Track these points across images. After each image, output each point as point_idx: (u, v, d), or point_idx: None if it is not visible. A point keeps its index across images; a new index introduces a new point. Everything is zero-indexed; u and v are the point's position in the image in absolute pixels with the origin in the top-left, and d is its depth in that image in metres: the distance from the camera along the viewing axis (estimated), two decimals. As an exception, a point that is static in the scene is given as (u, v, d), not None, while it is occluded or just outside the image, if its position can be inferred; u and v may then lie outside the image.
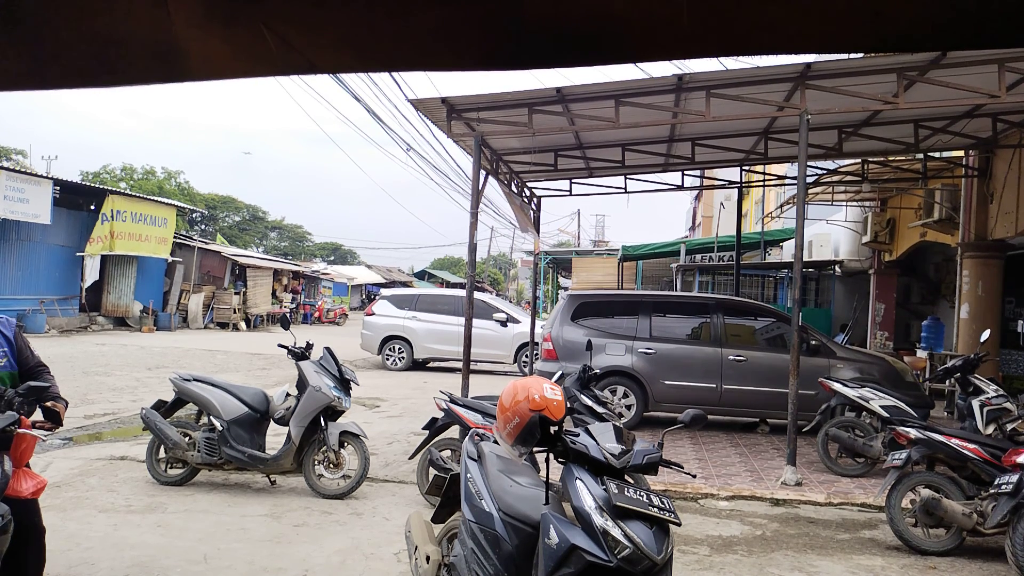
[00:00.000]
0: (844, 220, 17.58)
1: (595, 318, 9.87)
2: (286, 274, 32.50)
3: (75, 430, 8.50)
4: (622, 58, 1.39)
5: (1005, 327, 12.67)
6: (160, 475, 6.33)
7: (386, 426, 9.32)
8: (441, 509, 3.86)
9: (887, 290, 16.64)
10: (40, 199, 19.04)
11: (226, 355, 17.12)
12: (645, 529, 2.82)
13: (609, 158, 11.80)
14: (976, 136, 10.32)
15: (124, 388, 11.53)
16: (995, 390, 7.18)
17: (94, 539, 4.98)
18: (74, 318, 21.43)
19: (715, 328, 9.56)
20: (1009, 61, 7.13)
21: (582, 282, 23.74)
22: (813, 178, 13.65)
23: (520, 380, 3.25)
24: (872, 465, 7.40)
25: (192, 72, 1.46)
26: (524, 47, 1.33)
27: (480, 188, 8.83)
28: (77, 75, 1.52)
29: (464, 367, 8.61)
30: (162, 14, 1.33)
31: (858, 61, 7.53)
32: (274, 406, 6.42)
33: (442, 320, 15.67)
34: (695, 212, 41.10)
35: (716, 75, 8.02)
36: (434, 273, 62.18)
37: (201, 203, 46.57)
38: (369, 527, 5.47)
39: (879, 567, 5.08)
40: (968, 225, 11.55)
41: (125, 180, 41.76)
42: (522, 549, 3.07)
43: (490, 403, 6.13)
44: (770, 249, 21.11)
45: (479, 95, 8.12)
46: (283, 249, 61.67)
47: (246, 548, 4.94)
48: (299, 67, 1.46)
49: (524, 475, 3.40)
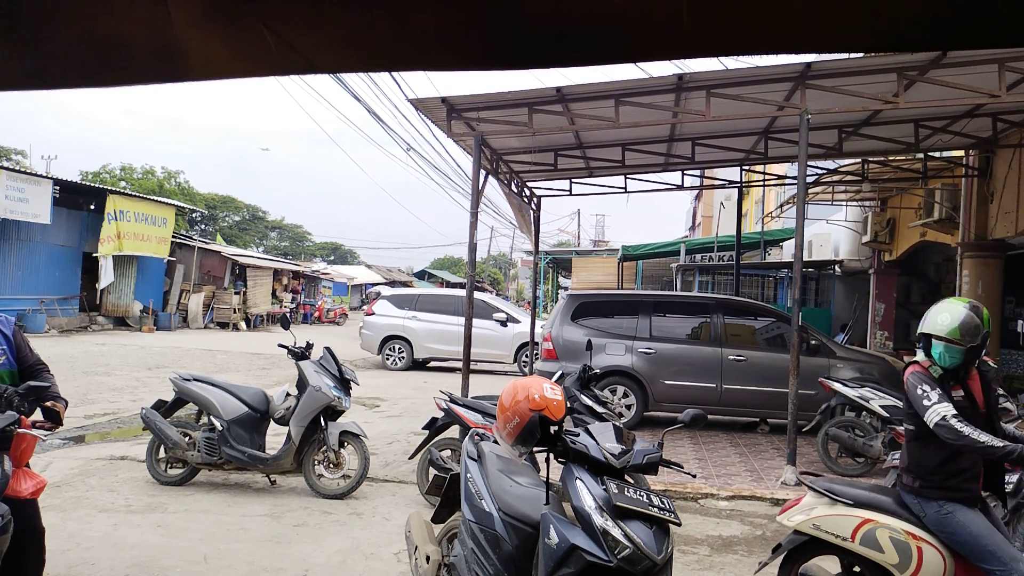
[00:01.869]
0: (844, 220, 17.58)
1: (595, 318, 9.87)
2: (286, 274, 32.51)
3: (75, 430, 8.50)
4: (622, 58, 1.39)
5: (1005, 327, 12.67)
6: (160, 475, 6.33)
7: (386, 426, 9.32)
8: (441, 509, 3.86)
9: (887, 290, 16.65)
10: (40, 199, 19.04)
11: (226, 355, 17.12)
12: (645, 529, 2.82)
13: (609, 158, 11.80)
14: (976, 136, 10.32)
15: (124, 388, 11.53)
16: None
17: (94, 539, 4.98)
18: (74, 318, 21.44)
19: (715, 328, 9.57)
20: (1009, 61, 7.13)
21: (582, 282, 23.74)
22: (813, 178, 13.64)
23: (520, 380, 3.24)
24: (872, 465, 7.40)
25: (192, 72, 1.46)
26: (524, 47, 1.33)
27: (480, 188, 8.83)
28: (77, 75, 1.52)
29: (464, 367, 8.61)
30: (162, 14, 1.33)
31: (858, 61, 7.53)
32: (274, 406, 6.42)
33: (442, 320, 15.67)
34: (695, 212, 41.10)
35: (716, 75, 8.02)
36: (434, 273, 62.18)
37: (201, 203, 46.57)
38: (369, 527, 5.47)
39: (879, 567, 5.08)
40: (968, 225, 11.55)
41: (125, 179, 41.74)
42: (522, 549, 3.07)
43: (490, 403, 6.14)
44: (770, 249, 21.11)
45: (479, 95, 8.12)
46: (283, 249, 61.70)
47: (246, 548, 4.94)
48: (299, 67, 1.46)
49: (524, 475, 3.40)
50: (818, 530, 3.59)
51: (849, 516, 3.55)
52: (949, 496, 3.37)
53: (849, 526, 3.53)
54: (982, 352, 3.48)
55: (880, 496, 3.64)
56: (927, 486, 3.42)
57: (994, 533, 3.31)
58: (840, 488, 3.68)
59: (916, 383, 3.41)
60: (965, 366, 3.44)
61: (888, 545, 3.45)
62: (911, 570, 3.41)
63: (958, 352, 3.38)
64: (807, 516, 3.64)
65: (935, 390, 3.34)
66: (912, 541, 3.42)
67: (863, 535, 3.50)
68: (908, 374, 3.50)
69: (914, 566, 3.40)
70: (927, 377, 3.42)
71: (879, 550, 3.46)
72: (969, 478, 3.39)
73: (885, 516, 3.52)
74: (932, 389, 3.34)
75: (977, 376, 3.54)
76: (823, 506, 3.63)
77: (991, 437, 3.22)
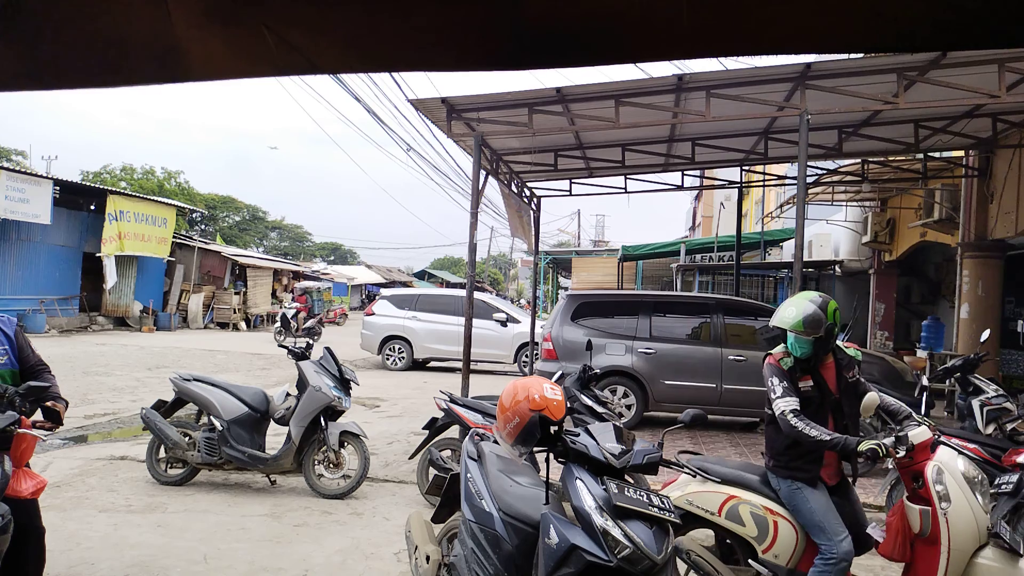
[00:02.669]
0: (844, 220, 17.58)
1: (595, 318, 9.87)
2: (286, 274, 32.51)
3: (75, 430, 8.50)
4: (622, 58, 1.39)
5: (1005, 327, 12.66)
6: (160, 475, 6.33)
7: (386, 426, 9.32)
8: (441, 509, 3.86)
9: (887, 290, 16.65)
10: (40, 199, 19.05)
11: (226, 355, 17.12)
12: (645, 529, 2.82)
13: (609, 158, 11.80)
14: (976, 136, 10.32)
15: (124, 388, 11.53)
16: (995, 390, 7.17)
17: (94, 539, 4.98)
18: (74, 318, 21.44)
19: (715, 328, 9.56)
20: (1009, 61, 7.13)
21: (582, 282, 23.74)
22: (813, 178, 13.64)
23: (520, 380, 3.24)
24: (872, 465, 7.39)
25: (192, 72, 1.46)
26: (524, 47, 1.33)
27: (480, 188, 8.83)
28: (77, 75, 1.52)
29: (464, 367, 8.61)
30: (162, 14, 1.33)
31: (858, 61, 7.53)
32: (274, 406, 6.42)
33: (442, 320, 15.67)
34: (695, 212, 41.10)
35: (716, 75, 8.02)
36: (434, 273, 62.20)
37: (201, 203, 46.55)
38: (369, 527, 5.47)
39: (879, 567, 5.08)
40: (968, 225, 11.55)
41: (125, 180, 41.74)
42: (522, 549, 3.07)
43: (490, 403, 6.14)
44: (770, 249, 21.12)
45: (479, 95, 8.12)
46: (283, 249, 61.70)
47: (246, 548, 4.94)
48: (299, 67, 1.46)
49: (524, 475, 3.40)
50: (691, 505, 3.90)
51: (716, 492, 3.88)
52: (794, 476, 3.70)
53: (716, 502, 3.86)
54: (830, 343, 3.74)
55: (746, 474, 3.94)
56: (778, 465, 3.78)
57: (829, 512, 3.60)
58: (710, 466, 3.99)
59: (767, 375, 3.76)
60: (816, 355, 3.72)
61: (749, 519, 3.78)
62: (768, 542, 3.74)
63: (806, 343, 3.67)
64: (682, 492, 3.93)
65: (781, 383, 3.67)
66: (769, 516, 3.76)
67: (728, 510, 3.83)
68: (764, 365, 3.83)
69: (771, 539, 3.73)
70: (777, 369, 3.73)
71: (741, 524, 3.80)
72: (811, 461, 3.69)
73: (748, 493, 3.85)
74: (779, 382, 3.68)
75: (832, 364, 3.81)
76: (696, 483, 3.95)
77: (821, 431, 3.49)
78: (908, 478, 3.64)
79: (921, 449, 3.57)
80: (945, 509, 3.47)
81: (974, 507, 3.50)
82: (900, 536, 3.61)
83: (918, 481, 3.57)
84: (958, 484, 3.52)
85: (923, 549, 3.54)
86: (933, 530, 3.47)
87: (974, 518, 3.48)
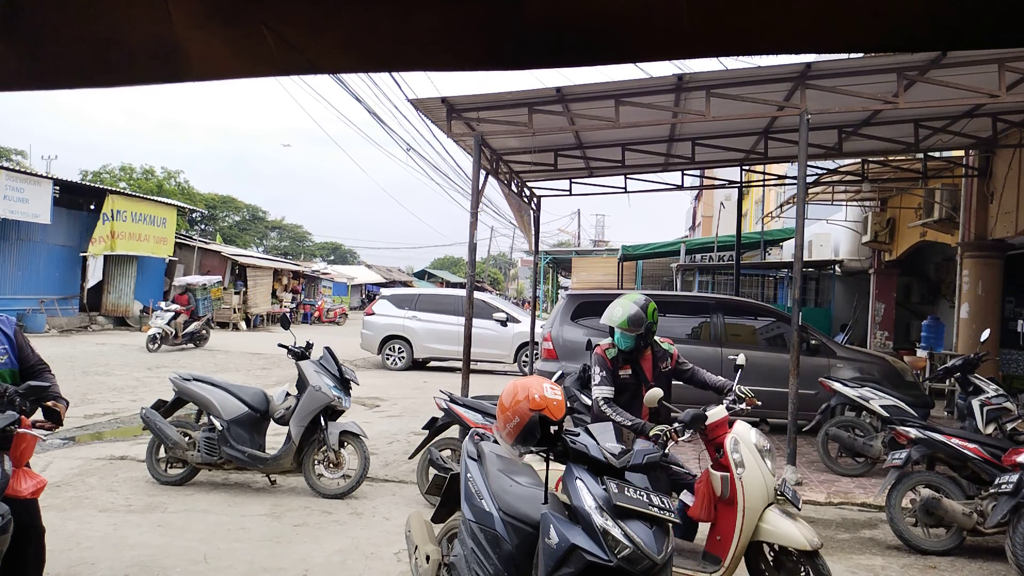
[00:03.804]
0: (844, 220, 17.58)
1: (595, 318, 9.82)
2: (286, 274, 32.51)
3: (75, 430, 8.50)
4: (622, 58, 1.39)
5: (1005, 327, 12.66)
6: (160, 475, 6.33)
7: (386, 426, 9.32)
8: (441, 509, 3.87)
9: (887, 290, 16.64)
10: (40, 199, 19.04)
11: (226, 355, 17.13)
12: (645, 529, 2.82)
13: (609, 158, 11.80)
14: (976, 136, 10.31)
15: (124, 388, 11.53)
16: (995, 390, 7.18)
17: (94, 539, 4.98)
18: (74, 318, 21.44)
19: (715, 328, 9.56)
20: (1009, 61, 7.12)
21: (582, 282, 23.74)
22: (813, 178, 13.64)
23: (520, 380, 3.25)
24: (872, 465, 7.40)
25: (192, 72, 1.46)
26: (524, 47, 1.33)
27: (480, 188, 8.82)
28: (77, 75, 1.52)
29: (464, 367, 8.61)
30: (162, 14, 1.33)
31: (858, 61, 7.52)
32: (274, 406, 6.42)
33: (442, 320, 15.66)
34: (695, 212, 41.08)
35: (716, 75, 8.01)
36: (434, 273, 62.19)
37: (201, 203, 46.52)
38: (369, 527, 5.47)
39: (879, 567, 5.09)
40: (968, 225, 11.55)
41: (125, 179, 41.72)
42: (522, 549, 3.07)
43: (490, 403, 6.14)
44: (770, 249, 21.11)
45: (479, 95, 8.11)
46: (283, 249, 61.69)
47: (246, 548, 4.94)
48: (299, 67, 1.46)
49: (524, 475, 3.40)
50: None
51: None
52: None
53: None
54: (649, 338, 4.56)
55: None
56: None
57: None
58: None
59: (592, 363, 4.53)
60: (637, 348, 4.50)
61: None
62: None
63: (630, 338, 4.45)
64: None
65: (601, 373, 4.43)
66: None
67: None
68: (592, 354, 4.55)
69: None
70: (601, 360, 4.49)
71: None
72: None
73: None
74: (600, 371, 4.44)
75: (650, 356, 4.61)
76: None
77: (625, 417, 4.26)
78: (712, 449, 4.13)
79: (720, 425, 4.09)
80: (740, 474, 3.94)
81: (763, 472, 3.98)
82: (706, 499, 4.05)
83: (719, 451, 4.05)
84: (751, 452, 4.01)
85: (724, 510, 4.00)
86: (731, 493, 3.93)
87: (763, 481, 3.96)
